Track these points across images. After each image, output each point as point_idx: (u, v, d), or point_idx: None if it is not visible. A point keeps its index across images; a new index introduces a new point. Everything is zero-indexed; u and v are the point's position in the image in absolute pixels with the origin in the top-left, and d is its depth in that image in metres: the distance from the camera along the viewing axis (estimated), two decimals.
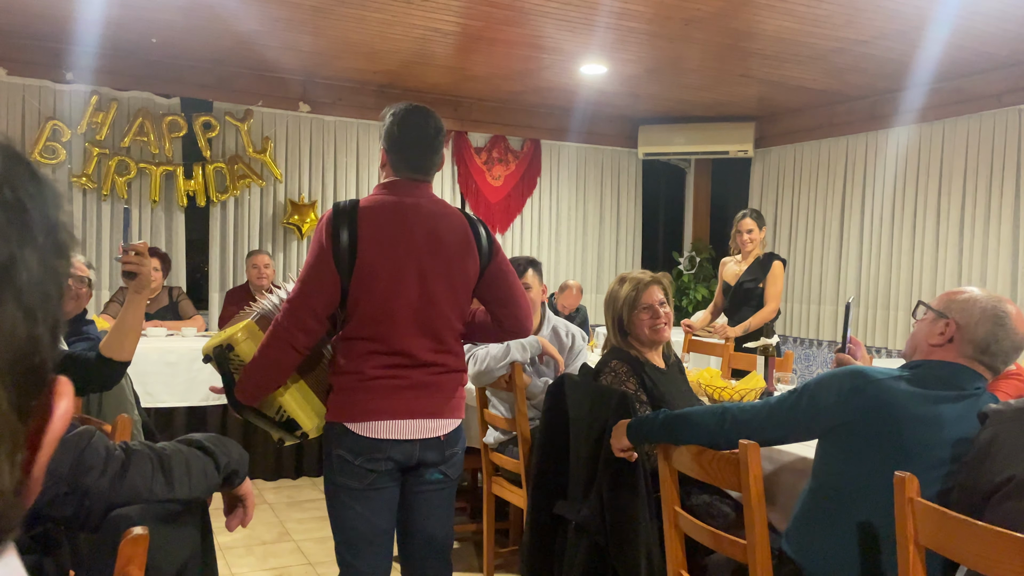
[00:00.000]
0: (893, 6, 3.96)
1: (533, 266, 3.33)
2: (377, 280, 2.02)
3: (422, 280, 2.05)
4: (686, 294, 7.13)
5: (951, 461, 1.74)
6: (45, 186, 0.45)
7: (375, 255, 2.02)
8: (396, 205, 2.08)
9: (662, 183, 7.79)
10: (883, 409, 1.78)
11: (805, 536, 1.85)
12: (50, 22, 4.63)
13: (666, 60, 5.11)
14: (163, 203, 5.61)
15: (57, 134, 5.23)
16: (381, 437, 2.04)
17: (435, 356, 2.09)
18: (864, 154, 6.11)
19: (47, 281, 0.42)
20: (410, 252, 2.05)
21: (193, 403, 4.43)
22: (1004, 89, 5.14)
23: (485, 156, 6.71)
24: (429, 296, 2.06)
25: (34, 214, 0.43)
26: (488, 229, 2.19)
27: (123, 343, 2.13)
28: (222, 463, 1.53)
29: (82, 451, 1.32)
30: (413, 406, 2.06)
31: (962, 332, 1.85)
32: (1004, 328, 1.83)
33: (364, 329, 2.05)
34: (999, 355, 1.84)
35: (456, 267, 2.09)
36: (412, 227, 2.06)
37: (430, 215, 2.09)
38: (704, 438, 2.00)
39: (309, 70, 5.71)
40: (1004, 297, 1.92)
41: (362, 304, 2.03)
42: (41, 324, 0.42)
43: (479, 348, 3.16)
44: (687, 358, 4.47)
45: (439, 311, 2.08)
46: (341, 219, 2.02)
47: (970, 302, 1.87)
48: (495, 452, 3.26)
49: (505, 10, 4.22)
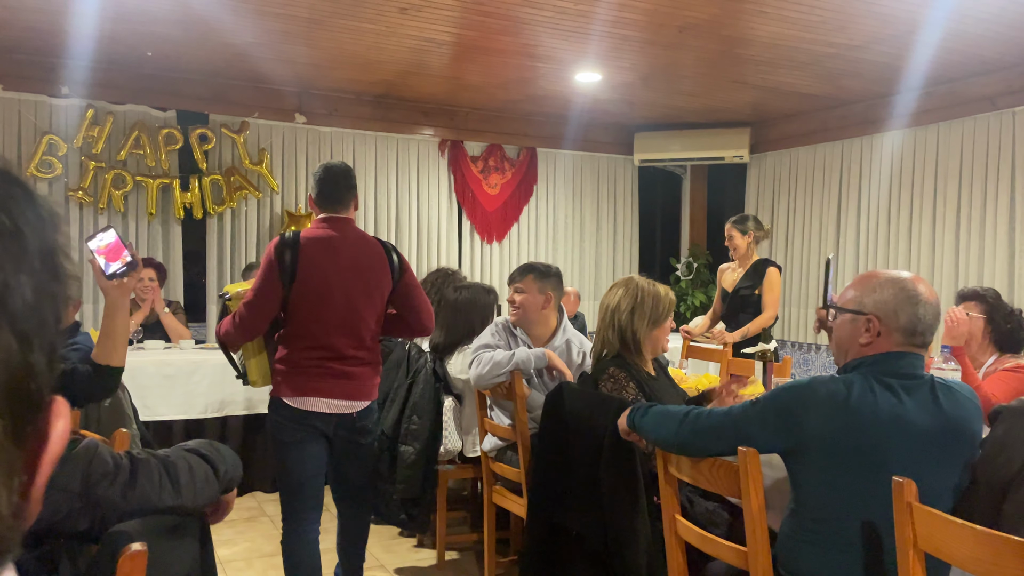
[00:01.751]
0: (885, 11, 3.98)
1: (535, 273, 3.29)
2: (311, 293, 2.68)
3: (346, 293, 2.71)
4: (684, 300, 7.13)
5: (930, 453, 1.73)
6: (42, 208, 0.44)
7: (310, 274, 2.68)
8: (328, 237, 2.75)
9: (658, 190, 7.80)
10: (839, 431, 1.75)
11: (793, 557, 1.83)
12: (45, 37, 4.64)
13: (660, 67, 5.13)
14: (160, 216, 5.61)
15: (53, 148, 5.23)
16: (308, 409, 2.71)
17: (354, 352, 2.74)
18: (859, 158, 6.13)
19: (43, 306, 0.42)
20: (337, 272, 2.71)
21: (191, 416, 4.42)
22: (997, 92, 5.16)
23: (481, 165, 6.72)
24: (351, 305, 2.72)
25: (30, 238, 0.42)
26: (399, 254, 2.85)
27: (116, 347, 2.13)
28: (221, 470, 1.53)
29: (89, 463, 1.32)
30: (334, 390, 2.72)
31: (886, 324, 1.84)
32: (921, 305, 1.84)
33: (300, 329, 2.71)
34: (927, 332, 1.85)
35: (373, 283, 2.77)
36: (339, 253, 2.73)
37: (353, 244, 2.78)
38: (665, 436, 2.04)
39: (305, 81, 5.72)
40: (902, 273, 1.92)
41: (299, 310, 2.70)
42: (37, 350, 0.42)
43: (484, 352, 3.16)
44: (685, 364, 4.47)
45: (359, 316, 2.74)
46: (285, 246, 2.70)
47: (879, 292, 1.87)
48: (495, 461, 3.25)
49: (500, 20, 4.23)
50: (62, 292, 0.44)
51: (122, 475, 1.35)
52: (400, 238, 6.44)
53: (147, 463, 1.41)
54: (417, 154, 6.49)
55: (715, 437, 1.94)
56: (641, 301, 2.70)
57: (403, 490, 3.42)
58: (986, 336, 2.92)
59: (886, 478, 1.72)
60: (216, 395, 4.43)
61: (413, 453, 3.42)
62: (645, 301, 2.70)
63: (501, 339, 3.26)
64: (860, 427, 1.74)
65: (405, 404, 3.50)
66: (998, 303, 2.96)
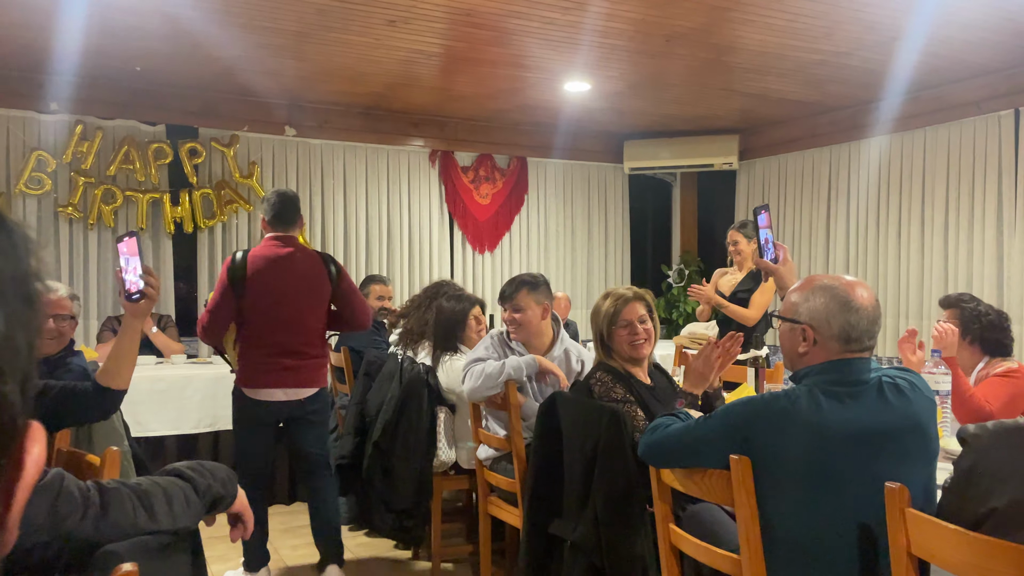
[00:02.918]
0: (870, 18, 4.01)
1: (529, 287, 3.25)
2: (260, 302, 3.27)
3: (292, 299, 3.29)
4: (676, 307, 7.14)
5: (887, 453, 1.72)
6: (15, 234, 0.44)
7: (258, 286, 3.26)
8: (275, 254, 3.33)
9: (649, 197, 7.83)
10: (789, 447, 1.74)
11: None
12: (33, 53, 4.63)
13: (649, 76, 5.16)
14: (150, 230, 5.59)
15: (42, 164, 5.21)
16: (261, 399, 3.31)
17: (302, 347, 3.32)
18: (848, 163, 6.16)
19: (15, 335, 0.42)
20: (284, 282, 3.28)
21: (184, 431, 4.40)
22: (983, 96, 5.20)
23: (472, 175, 6.73)
24: (297, 309, 3.31)
25: (2, 266, 0.42)
26: (337, 264, 3.43)
27: (120, 370, 2.10)
28: (201, 487, 1.50)
29: (56, 497, 1.28)
30: (284, 381, 3.30)
31: (820, 333, 1.83)
32: (853, 312, 1.81)
33: (254, 331, 3.30)
34: (862, 337, 1.83)
35: (315, 289, 3.36)
36: (285, 266, 3.31)
37: (298, 258, 3.35)
38: (640, 450, 2.08)
39: (294, 94, 5.72)
40: (838, 278, 1.89)
41: (252, 317, 3.29)
42: (10, 380, 0.41)
43: (476, 365, 3.15)
44: (677, 371, 4.47)
45: (304, 318, 3.33)
46: (238, 263, 3.28)
47: (812, 299, 1.85)
48: (490, 471, 3.24)
49: (488, 31, 4.25)
50: (35, 319, 0.44)
51: (92, 508, 1.31)
52: (392, 249, 6.43)
53: (117, 492, 1.36)
54: (408, 165, 6.50)
55: (671, 453, 1.96)
56: (603, 301, 2.77)
57: (397, 502, 3.41)
58: (968, 341, 2.91)
59: (845, 489, 1.71)
60: (208, 410, 4.41)
61: (407, 465, 3.41)
62: (606, 300, 2.76)
63: (495, 352, 3.23)
64: (809, 442, 1.72)
65: (399, 416, 3.49)
66: (973, 307, 2.94)
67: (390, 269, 6.37)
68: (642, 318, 2.72)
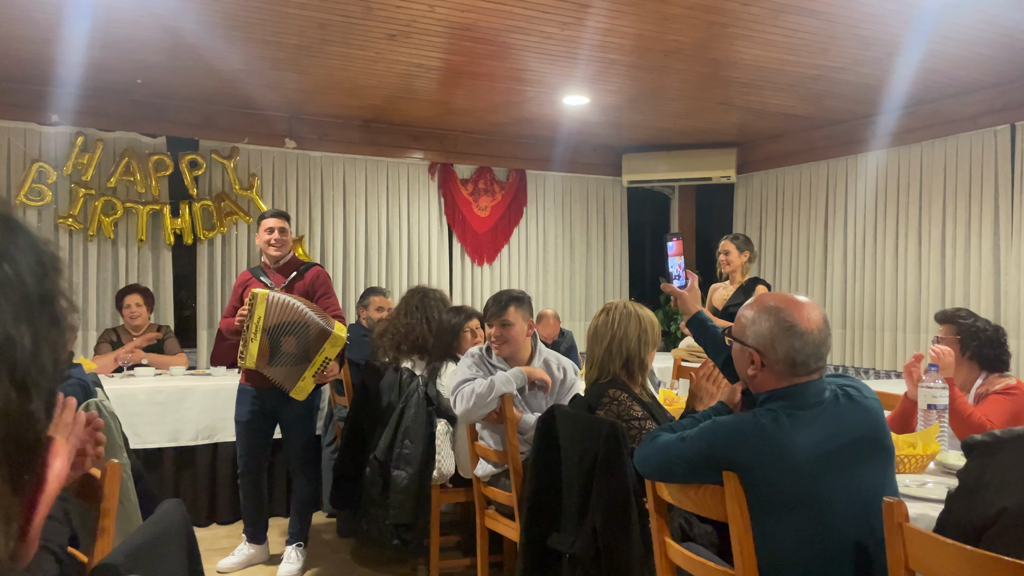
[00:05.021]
0: (867, 33, 4.05)
1: (516, 303, 3.28)
2: None
3: None
4: (674, 319, 7.15)
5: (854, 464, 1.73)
6: (44, 254, 0.45)
7: None
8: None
9: (647, 210, 7.85)
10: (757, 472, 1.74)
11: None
12: (34, 65, 4.65)
13: (647, 90, 5.19)
14: (150, 242, 5.60)
15: (43, 176, 5.23)
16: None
17: None
18: (844, 178, 6.19)
19: (42, 354, 0.42)
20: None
21: (182, 443, 4.39)
22: (979, 111, 5.23)
23: (471, 187, 6.75)
24: None
25: (31, 287, 0.42)
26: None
27: None
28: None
29: None
30: None
31: (766, 357, 1.81)
32: (797, 337, 1.78)
33: None
34: (808, 362, 1.79)
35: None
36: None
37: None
38: (635, 452, 2.07)
39: (294, 107, 5.75)
40: (788, 299, 1.85)
41: None
42: (35, 399, 0.42)
43: (465, 386, 3.14)
44: (676, 384, 4.48)
45: None
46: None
47: (758, 321, 1.82)
48: (487, 486, 3.24)
49: (487, 45, 4.27)
50: (61, 337, 0.45)
51: None
52: (391, 261, 6.44)
53: None
54: (407, 178, 6.52)
55: (658, 466, 1.95)
56: (646, 328, 2.72)
57: (396, 515, 3.40)
58: (967, 357, 2.89)
59: (831, 509, 1.72)
60: (207, 421, 4.41)
61: (406, 478, 3.41)
62: (648, 328, 2.73)
63: (480, 371, 3.24)
64: (784, 468, 1.73)
65: (397, 428, 3.49)
66: (971, 323, 2.92)
67: (389, 281, 6.38)
68: None
